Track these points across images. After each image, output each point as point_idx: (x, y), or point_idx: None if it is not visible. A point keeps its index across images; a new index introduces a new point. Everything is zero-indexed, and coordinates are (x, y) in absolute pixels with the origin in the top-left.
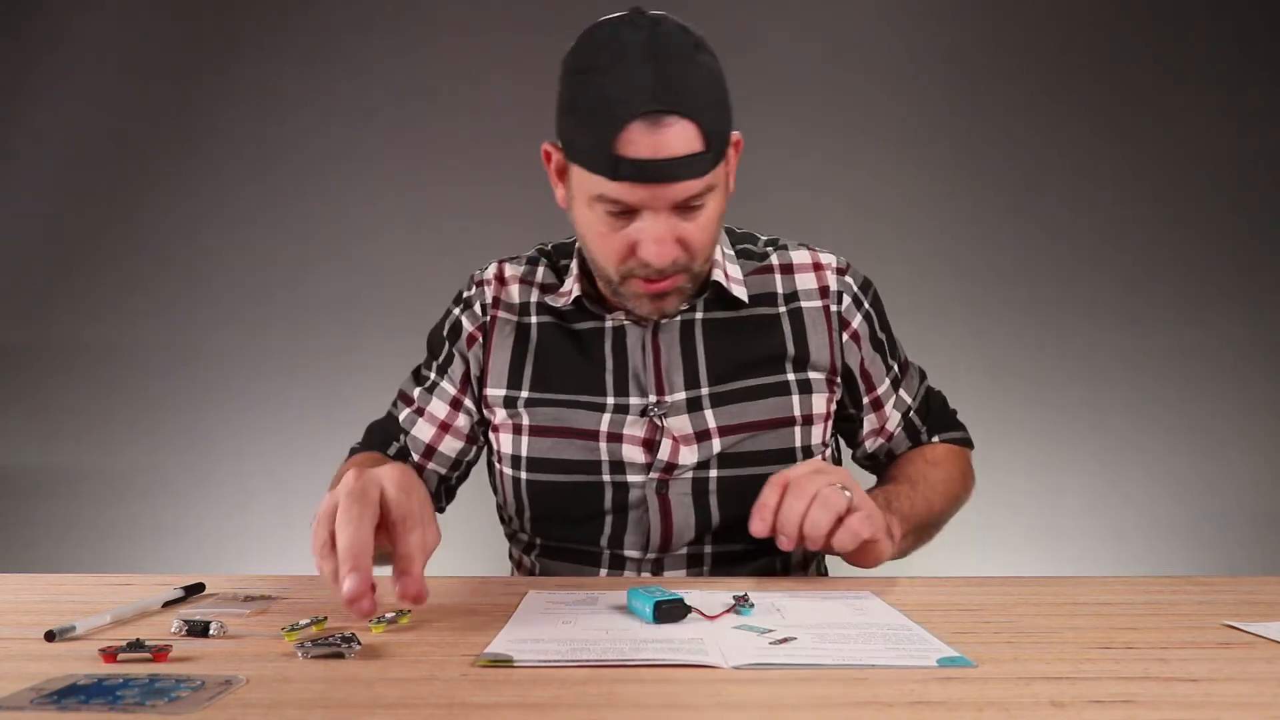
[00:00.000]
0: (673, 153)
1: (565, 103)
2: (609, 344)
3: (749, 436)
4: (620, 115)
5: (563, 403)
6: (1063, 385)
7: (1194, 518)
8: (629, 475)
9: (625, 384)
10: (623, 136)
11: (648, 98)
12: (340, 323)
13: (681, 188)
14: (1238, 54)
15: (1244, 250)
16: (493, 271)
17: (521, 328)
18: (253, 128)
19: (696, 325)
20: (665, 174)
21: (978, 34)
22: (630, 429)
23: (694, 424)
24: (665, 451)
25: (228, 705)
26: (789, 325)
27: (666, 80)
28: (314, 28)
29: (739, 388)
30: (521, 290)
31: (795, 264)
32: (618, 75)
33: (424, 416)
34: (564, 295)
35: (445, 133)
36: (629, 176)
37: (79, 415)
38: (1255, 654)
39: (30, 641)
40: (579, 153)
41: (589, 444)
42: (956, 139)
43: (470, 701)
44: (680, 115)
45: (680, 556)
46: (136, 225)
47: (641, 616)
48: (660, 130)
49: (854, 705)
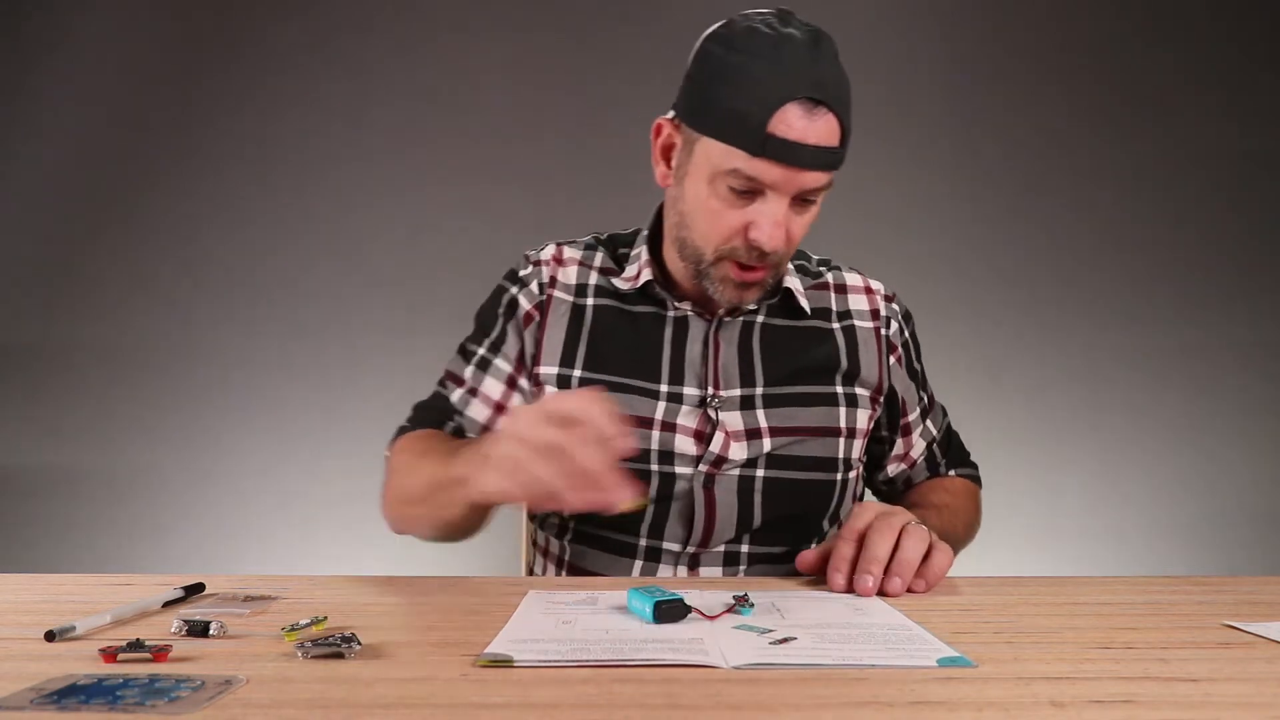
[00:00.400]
0: (819, 141)
1: (711, 76)
2: (669, 332)
3: (797, 441)
4: (780, 95)
5: (617, 387)
6: (1063, 385)
7: (1194, 518)
8: (677, 466)
9: (681, 373)
10: (779, 115)
11: (808, 85)
12: (340, 322)
13: (812, 177)
14: (1238, 54)
15: (1244, 250)
16: (550, 252)
17: (577, 308)
18: (253, 128)
19: (756, 328)
20: (807, 159)
21: (978, 34)
22: (684, 419)
23: (746, 421)
24: (717, 445)
25: (228, 705)
26: (842, 340)
27: (823, 75)
28: (314, 28)
29: (791, 393)
30: (580, 272)
31: (848, 285)
32: (779, 60)
33: (478, 397)
34: (630, 279)
35: (445, 133)
36: (774, 154)
37: (79, 415)
38: (1255, 654)
39: (30, 641)
40: (719, 125)
41: (641, 431)
42: (956, 139)
43: (470, 701)
44: (830, 110)
45: (717, 554)
46: (136, 225)
47: (641, 616)
48: (813, 117)
49: (854, 705)
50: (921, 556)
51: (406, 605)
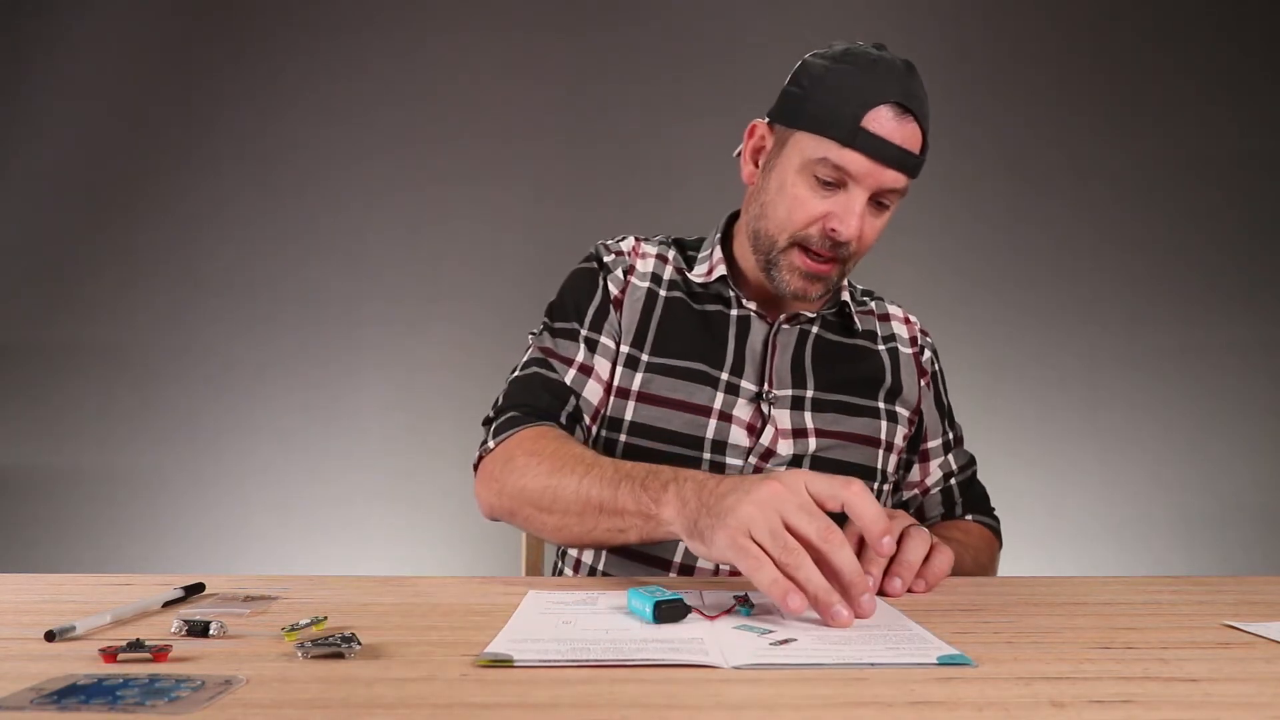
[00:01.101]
0: (903, 143)
1: (814, 80)
2: (733, 329)
3: (840, 445)
4: (876, 96)
5: (680, 371)
6: (1063, 385)
7: (1194, 517)
8: (729, 457)
9: (741, 366)
10: (872, 113)
11: (901, 93)
12: (340, 322)
13: (892, 176)
14: (1238, 54)
15: (1244, 250)
16: (629, 244)
17: (651, 294)
18: (253, 127)
19: (811, 338)
20: (892, 157)
21: (977, 34)
22: (739, 411)
23: (795, 421)
24: (768, 438)
25: (228, 705)
26: (887, 360)
27: (913, 89)
28: (314, 28)
29: (838, 400)
30: (656, 264)
31: (891, 314)
32: (876, 71)
33: (592, 376)
34: (703, 274)
35: (445, 133)
36: (864, 148)
37: (79, 415)
38: (1255, 654)
39: (30, 641)
40: (816, 119)
41: (698, 419)
42: (956, 139)
43: (470, 701)
44: (915, 119)
45: None
46: (136, 225)
47: (641, 616)
48: (902, 121)
49: (854, 705)
50: (923, 557)
51: (406, 605)
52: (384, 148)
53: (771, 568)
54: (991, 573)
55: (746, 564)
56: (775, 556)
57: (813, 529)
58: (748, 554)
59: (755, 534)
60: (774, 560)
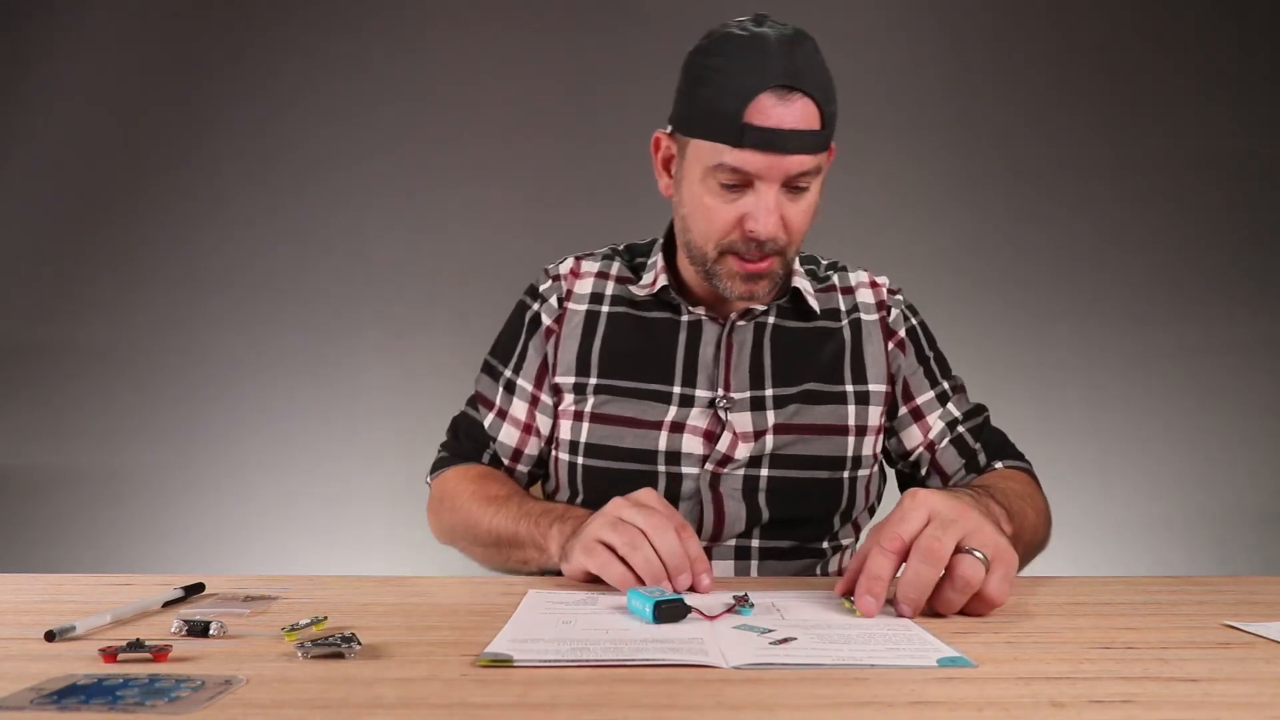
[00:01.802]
0: (795, 125)
1: (694, 80)
2: (683, 336)
3: (801, 440)
4: (752, 86)
5: (630, 391)
6: (1063, 385)
7: (1193, 518)
8: (684, 467)
9: (694, 376)
10: (752, 105)
11: (779, 74)
12: (340, 322)
13: (796, 161)
14: (1238, 54)
15: (1244, 250)
16: (568, 266)
17: (591, 316)
18: (253, 128)
19: (768, 330)
20: (785, 144)
21: (977, 34)
22: (694, 420)
23: (755, 422)
24: (724, 444)
25: (228, 705)
26: (849, 336)
27: (795, 63)
28: (314, 27)
29: (800, 391)
30: (596, 283)
31: (854, 284)
32: (752, 56)
33: (507, 420)
34: (646, 286)
35: (445, 133)
36: (754, 143)
37: (79, 415)
38: (1255, 654)
39: (30, 641)
40: (704, 125)
41: (649, 433)
42: (956, 139)
43: (470, 701)
44: (804, 94)
45: (729, 548)
46: (136, 225)
47: (641, 616)
48: (786, 103)
49: (854, 705)
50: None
51: (406, 605)
52: (384, 147)
53: (617, 564)
54: (1048, 511)
55: (596, 563)
56: (617, 548)
57: (640, 519)
58: (596, 554)
59: (601, 536)
60: (620, 556)
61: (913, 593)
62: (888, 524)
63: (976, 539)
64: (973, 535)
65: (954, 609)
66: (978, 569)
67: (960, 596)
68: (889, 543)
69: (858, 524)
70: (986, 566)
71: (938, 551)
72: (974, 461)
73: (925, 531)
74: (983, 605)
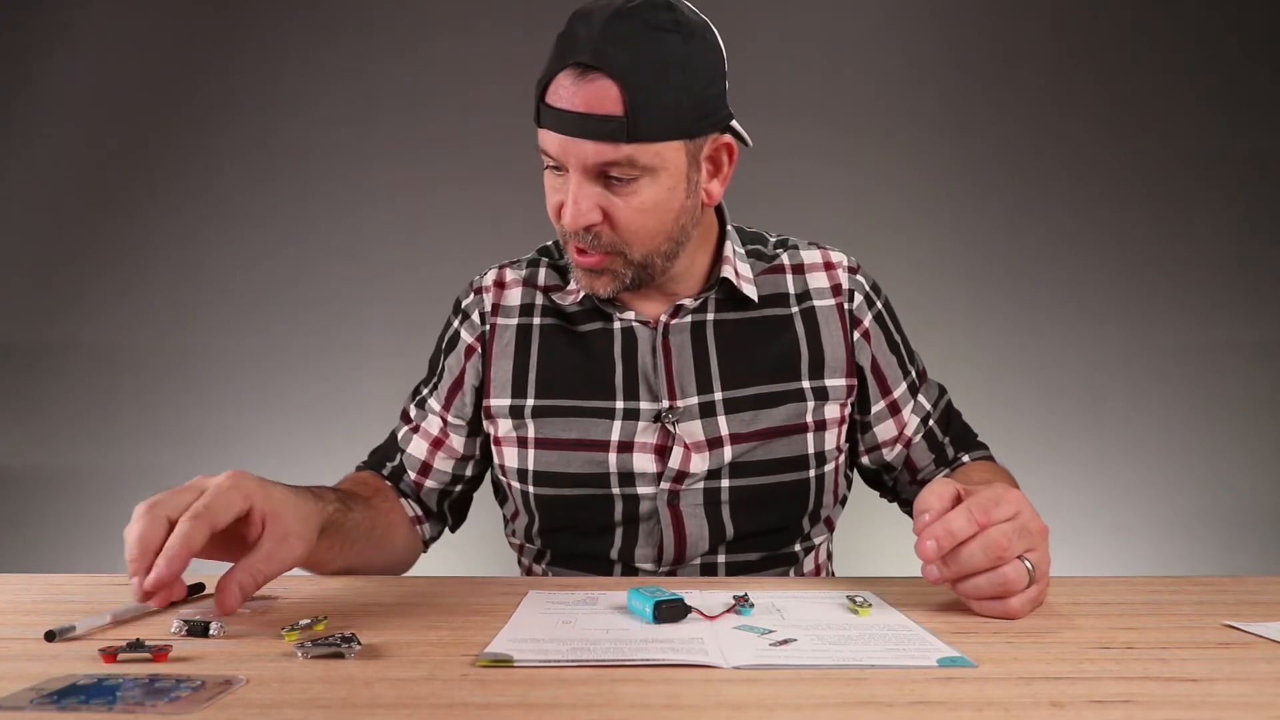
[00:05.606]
0: (588, 108)
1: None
2: (618, 346)
3: (761, 444)
4: (558, 63)
5: (571, 410)
6: (1062, 385)
7: (1194, 518)
8: (639, 487)
9: (636, 388)
10: (553, 84)
11: (581, 51)
12: (340, 322)
13: (592, 149)
14: (1238, 54)
15: (1245, 249)
16: (492, 278)
17: (522, 331)
18: (253, 128)
19: (708, 326)
20: (573, 128)
21: (977, 34)
22: (642, 436)
23: (706, 430)
24: (677, 460)
25: (228, 705)
26: (802, 326)
27: (607, 40)
28: (314, 28)
29: (752, 394)
30: (524, 293)
31: (806, 264)
32: (573, 29)
33: (419, 434)
34: (572, 293)
35: (445, 133)
36: (548, 123)
37: (78, 415)
38: (1255, 654)
39: (30, 641)
40: (534, 107)
41: (597, 455)
42: (955, 139)
43: (470, 701)
44: (606, 75)
45: (694, 567)
46: (137, 225)
47: (641, 616)
48: (581, 83)
49: (854, 705)
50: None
51: (406, 605)
52: (385, 148)
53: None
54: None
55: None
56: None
57: (161, 497)
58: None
59: (140, 504)
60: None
61: (954, 564)
62: (986, 494)
63: (1034, 556)
64: (1034, 553)
65: (977, 596)
66: (1021, 579)
67: (990, 589)
68: (980, 514)
69: (829, 521)
70: (1029, 582)
71: (1003, 549)
72: (943, 456)
73: (1003, 525)
74: (998, 611)
